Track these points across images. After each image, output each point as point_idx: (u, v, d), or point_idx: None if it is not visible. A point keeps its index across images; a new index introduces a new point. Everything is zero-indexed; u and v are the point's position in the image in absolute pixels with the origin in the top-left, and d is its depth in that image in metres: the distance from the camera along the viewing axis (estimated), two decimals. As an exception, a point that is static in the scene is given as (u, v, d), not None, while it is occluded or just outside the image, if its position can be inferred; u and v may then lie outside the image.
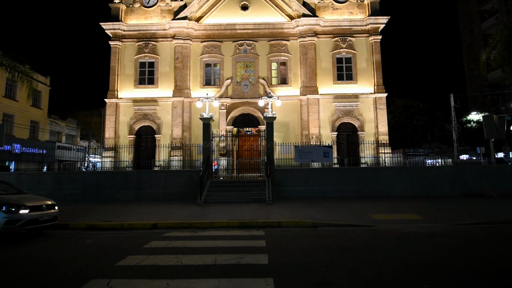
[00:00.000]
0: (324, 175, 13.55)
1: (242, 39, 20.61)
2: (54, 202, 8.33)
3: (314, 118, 19.51)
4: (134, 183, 13.87)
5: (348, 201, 12.40)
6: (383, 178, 13.64)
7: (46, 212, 7.75)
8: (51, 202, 8.18)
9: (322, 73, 20.18)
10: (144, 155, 19.92)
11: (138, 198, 13.73)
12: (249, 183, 13.38)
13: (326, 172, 13.59)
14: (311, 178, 13.52)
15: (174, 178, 13.72)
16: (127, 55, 20.71)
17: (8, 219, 6.93)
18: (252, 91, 20.12)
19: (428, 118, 27.05)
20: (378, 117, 19.55)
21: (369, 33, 20.34)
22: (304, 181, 13.50)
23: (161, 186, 13.71)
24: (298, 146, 13.81)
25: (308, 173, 13.56)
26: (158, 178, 13.80)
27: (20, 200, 7.64)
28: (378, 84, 19.82)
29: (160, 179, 13.77)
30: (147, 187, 13.74)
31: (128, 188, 13.88)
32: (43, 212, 7.66)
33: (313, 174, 13.56)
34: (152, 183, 13.76)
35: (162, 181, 13.74)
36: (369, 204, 11.76)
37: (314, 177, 13.54)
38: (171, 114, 19.91)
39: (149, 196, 13.64)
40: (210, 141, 14.05)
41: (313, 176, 13.55)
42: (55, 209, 8.16)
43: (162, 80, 20.40)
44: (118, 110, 20.19)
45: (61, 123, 32.11)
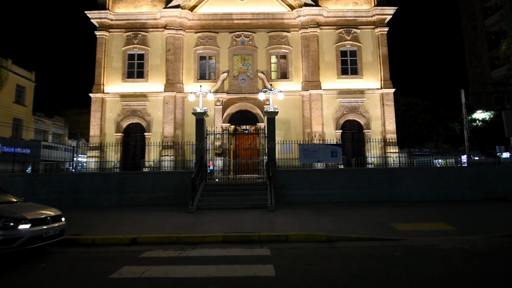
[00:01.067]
0: (331, 177, 11.93)
1: (240, 30, 18.93)
2: (60, 212, 6.64)
3: (317, 115, 17.91)
4: (117, 186, 12.08)
5: (360, 206, 10.79)
6: (397, 180, 12.07)
7: (52, 226, 6.07)
8: (57, 213, 6.48)
9: (325, 67, 18.60)
10: (133, 155, 18.09)
11: (122, 204, 11.95)
12: (247, 186, 11.71)
13: (334, 174, 11.98)
14: (317, 181, 11.89)
15: (162, 181, 11.97)
16: (114, 47, 18.87)
17: (4, 237, 5.26)
18: (250, 86, 18.45)
19: (433, 117, 25.67)
20: (385, 114, 18.03)
21: (375, 25, 18.82)
22: (310, 183, 11.86)
23: (148, 189, 11.95)
24: (303, 145, 12.18)
25: (314, 175, 11.93)
26: (144, 180, 12.03)
27: (18, 211, 5.93)
28: (385, 79, 18.30)
29: (147, 181, 12.01)
30: (132, 191, 11.97)
31: (110, 192, 12.09)
32: (48, 226, 5.99)
33: (319, 176, 11.93)
34: (138, 186, 11.99)
35: (149, 184, 11.98)
36: (385, 210, 10.16)
37: (321, 179, 11.91)
38: (162, 110, 18.13)
39: (134, 201, 11.87)
40: (204, 139, 12.33)
41: (319, 178, 11.92)
42: (62, 221, 6.50)
43: (152, 74, 18.60)
44: (104, 106, 18.34)
45: (47, 121, 30.04)
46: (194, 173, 10.41)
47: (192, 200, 10.09)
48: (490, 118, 25.67)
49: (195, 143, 12.15)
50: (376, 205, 11.06)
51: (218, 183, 12.17)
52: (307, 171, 12.05)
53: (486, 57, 29.81)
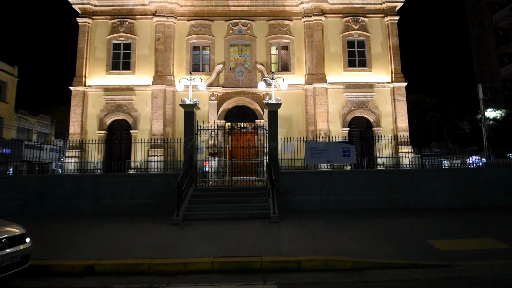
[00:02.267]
0: (344, 180, 10.05)
1: (237, 18, 17.06)
2: (24, 229, 4.74)
3: (322, 111, 16.06)
4: (91, 191, 10.10)
5: (381, 215, 8.92)
6: (420, 184, 10.23)
7: (7, 253, 4.24)
8: (18, 231, 4.60)
9: (331, 58, 16.79)
10: (118, 155, 16.10)
11: (95, 212, 9.97)
12: (246, 191, 9.79)
13: (347, 177, 10.09)
14: (327, 184, 10.01)
15: (144, 185, 10.00)
16: (98, 35, 16.90)
17: None
18: (248, 79, 16.57)
19: (442, 115, 23.97)
20: (397, 110, 16.23)
21: (385, 13, 17.06)
22: (318, 188, 9.98)
23: (127, 195, 9.99)
24: (310, 142, 10.31)
25: (323, 178, 10.04)
26: (123, 184, 10.05)
27: None
28: (396, 71, 16.52)
29: (126, 186, 10.03)
30: (108, 197, 9.99)
31: (82, 198, 10.10)
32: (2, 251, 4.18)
33: (329, 179, 10.04)
34: (115, 191, 10.02)
35: (129, 188, 10.01)
36: (412, 221, 8.29)
37: (331, 183, 10.03)
38: (151, 105, 16.17)
39: (110, 209, 9.89)
40: (194, 135, 10.41)
41: (329, 181, 10.03)
42: (26, 243, 4.63)
43: (140, 65, 16.65)
44: (86, 100, 16.34)
45: (31, 119, 27.88)
46: (181, 175, 8.48)
47: (178, 208, 8.14)
48: (502, 116, 24.01)
49: (184, 140, 10.23)
50: (398, 214, 9.20)
51: (211, 187, 10.27)
52: (315, 173, 10.17)
53: (494, 54, 28.26)
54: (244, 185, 10.46)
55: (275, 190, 9.00)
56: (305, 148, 10.14)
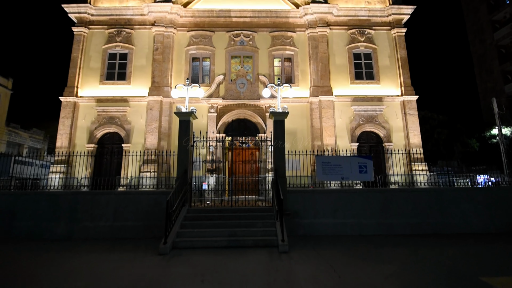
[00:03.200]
0: (361, 200, 8.62)
1: (239, 29, 16.29)
2: None
3: (328, 125, 14.87)
4: (67, 211, 8.59)
5: (410, 243, 7.41)
6: (449, 205, 8.79)
7: None
8: None
9: (337, 70, 15.85)
10: (107, 171, 14.66)
11: (71, 236, 8.41)
12: (248, 212, 8.31)
13: (365, 196, 8.66)
14: (342, 205, 8.56)
15: (129, 204, 8.51)
16: (94, 45, 16.00)
17: None
18: (250, 91, 15.51)
19: (450, 132, 22.87)
20: (409, 125, 15.06)
21: (391, 26, 16.37)
22: (332, 209, 8.52)
23: (109, 216, 8.47)
24: (321, 157, 8.95)
25: (337, 198, 8.60)
26: (104, 203, 8.55)
27: None
28: (405, 84, 15.54)
29: (108, 205, 8.53)
30: (87, 218, 8.47)
31: (57, 219, 8.57)
32: None
33: (345, 199, 8.60)
34: (95, 211, 8.51)
35: (111, 208, 8.51)
36: (449, 250, 6.78)
37: (347, 204, 8.58)
38: (146, 117, 14.95)
39: (88, 232, 8.35)
40: (190, 146, 9.06)
41: (345, 202, 8.59)
42: None
43: (136, 75, 15.62)
44: (76, 112, 15.12)
45: (23, 133, 26.54)
46: (172, 192, 7.04)
47: (166, 234, 6.63)
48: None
49: (178, 151, 8.87)
50: (428, 241, 7.70)
51: (207, 207, 8.78)
52: (328, 192, 8.73)
53: (498, 71, 27.73)
54: (245, 206, 8.99)
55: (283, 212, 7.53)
56: (316, 163, 8.78)
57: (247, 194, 11.81)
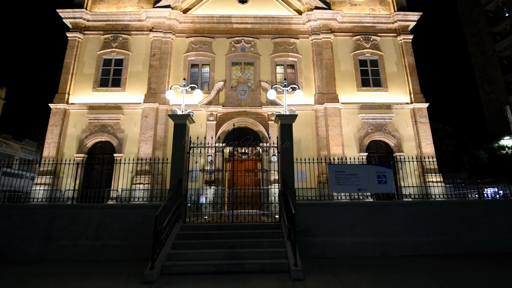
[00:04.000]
0: (382, 215, 7.47)
1: (240, 35, 15.63)
2: None
3: (335, 133, 13.89)
4: (43, 228, 7.37)
5: (443, 267, 6.21)
6: (480, 220, 7.65)
7: None
8: None
9: (342, 77, 15.07)
10: (97, 182, 13.48)
11: (46, 256, 7.15)
12: (251, 229, 7.13)
13: (386, 210, 7.51)
14: (360, 221, 7.41)
15: (114, 220, 7.32)
16: (88, 51, 15.22)
17: None
18: (252, 98, 14.62)
19: (458, 143, 21.95)
20: (420, 134, 14.11)
21: (397, 33, 15.77)
22: (349, 226, 7.35)
23: (90, 234, 7.26)
24: (334, 165, 7.88)
25: (354, 212, 7.45)
26: (85, 219, 7.35)
27: None
28: (415, 92, 14.73)
29: (90, 221, 7.33)
30: (64, 236, 7.25)
31: (30, 237, 7.34)
32: None
33: (363, 213, 7.45)
34: (74, 228, 7.30)
35: (93, 224, 7.31)
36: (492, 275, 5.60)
37: (366, 219, 7.43)
38: (140, 125, 13.94)
39: (65, 252, 7.11)
40: (186, 153, 7.98)
41: (363, 216, 7.44)
42: None
43: (131, 82, 14.75)
44: (66, 120, 14.10)
45: (14, 144, 25.39)
46: (161, 207, 5.89)
47: (154, 257, 5.43)
48: (521, 145, 22.02)
49: (171, 158, 7.79)
50: (465, 264, 6.50)
51: (204, 223, 7.57)
52: (344, 205, 7.59)
53: (501, 82, 27.24)
54: (248, 221, 7.80)
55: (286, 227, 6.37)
56: (329, 172, 7.70)
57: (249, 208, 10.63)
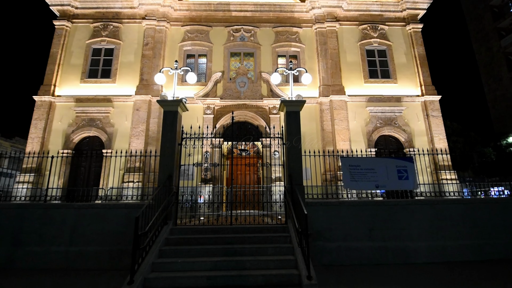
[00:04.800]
0: (405, 215, 6.42)
1: (239, 24, 14.59)
2: None
3: (342, 127, 12.86)
4: (10, 230, 6.27)
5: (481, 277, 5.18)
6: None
7: None
8: None
9: (348, 68, 14.04)
10: (85, 180, 12.38)
11: (13, 264, 6.05)
12: (253, 232, 6.07)
13: (410, 210, 6.47)
14: (380, 223, 6.35)
15: (93, 222, 6.22)
16: (77, 40, 14.12)
17: None
18: (252, 90, 13.57)
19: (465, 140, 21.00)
20: (432, 128, 13.11)
21: (406, 22, 14.78)
22: (367, 228, 6.30)
23: (64, 238, 6.16)
24: (348, 158, 6.84)
25: (373, 213, 6.40)
26: (59, 221, 6.26)
27: None
28: (426, 83, 13.74)
29: (64, 223, 6.24)
30: (34, 241, 6.15)
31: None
32: None
33: (383, 214, 6.40)
34: (46, 231, 6.20)
35: (68, 227, 6.21)
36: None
37: (387, 220, 6.38)
38: (131, 119, 12.85)
39: (35, 260, 6.01)
40: (178, 145, 6.91)
41: (383, 217, 6.39)
42: None
43: (122, 73, 13.66)
44: (52, 113, 12.99)
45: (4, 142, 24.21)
46: (145, 206, 4.83)
47: (133, 270, 4.35)
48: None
49: (160, 151, 6.72)
50: (503, 272, 5.48)
51: (198, 226, 6.47)
52: (360, 205, 6.53)
53: (507, 79, 26.37)
54: (249, 223, 6.74)
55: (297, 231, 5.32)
56: (342, 166, 6.64)
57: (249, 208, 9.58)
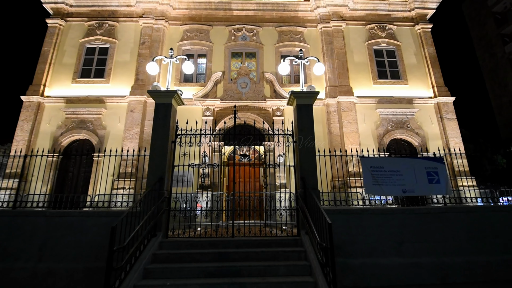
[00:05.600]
0: (439, 225, 5.40)
1: (241, 23, 13.90)
2: None
3: (350, 130, 11.95)
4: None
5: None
6: None
7: None
8: None
9: (356, 69, 13.27)
10: (73, 187, 11.34)
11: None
12: (259, 247, 5.05)
13: (444, 220, 5.46)
14: (411, 235, 5.33)
15: (68, 233, 5.18)
16: (70, 39, 13.37)
17: None
18: (254, 91, 12.73)
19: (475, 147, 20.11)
20: (447, 131, 12.21)
21: (414, 22, 14.14)
22: (396, 241, 5.27)
23: (33, 253, 5.10)
24: (369, 158, 5.87)
25: (401, 222, 5.38)
26: (28, 232, 5.21)
27: None
28: (438, 84, 12.94)
29: (34, 234, 5.19)
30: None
31: None
32: None
33: (414, 224, 5.38)
34: (12, 244, 5.15)
35: (38, 240, 5.15)
36: None
37: (419, 232, 5.36)
38: (125, 121, 11.93)
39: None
40: (171, 143, 5.97)
41: (414, 228, 5.37)
42: None
43: (117, 72, 12.83)
44: (40, 114, 12.09)
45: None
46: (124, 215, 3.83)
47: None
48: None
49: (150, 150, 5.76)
50: None
51: (193, 238, 5.42)
52: (386, 213, 5.52)
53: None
54: (255, 235, 5.71)
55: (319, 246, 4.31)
56: (363, 168, 5.68)
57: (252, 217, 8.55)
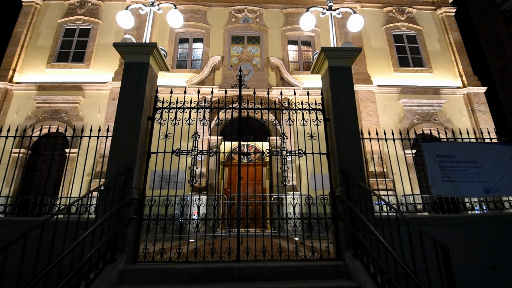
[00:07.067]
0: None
1: (242, 4, 12.23)
2: None
3: (371, 123, 10.20)
4: None
5: None
6: None
7: None
8: None
9: (373, 55, 11.60)
10: (41, 188, 9.38)
11: None
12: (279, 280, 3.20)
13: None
14: (505, 254, 3.49)
15: None
16: (47, 19, 11.59)
17: None
18: (258, 79, 10.98)
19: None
20: (481, 125, 10.50)
21: (436, 5, 12.59)
22: (485, 263, 3.44)
23: None
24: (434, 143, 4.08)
25: (491, 234, 3.58)
26: None
27: None
28: (466, 73, 11.29)
29: None
30: None
31: None
32: None
33: (508, 238, 3.58)
34: None
35: None
36: None
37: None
38: (105, 111, 10.07)
39: None
40: (147, 119, 4.17)
41: (508, 245, 3.54)
42: None
43: (99, 56, 11.02)
44: (7, 103, 10.19)
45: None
46: (38, 223, 1.92)
47: None
48: None
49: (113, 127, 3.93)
50: None
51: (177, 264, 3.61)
52: (468, 222, 3.71)
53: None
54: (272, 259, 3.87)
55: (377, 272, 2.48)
56: (426, 157, 3.88)
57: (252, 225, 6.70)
